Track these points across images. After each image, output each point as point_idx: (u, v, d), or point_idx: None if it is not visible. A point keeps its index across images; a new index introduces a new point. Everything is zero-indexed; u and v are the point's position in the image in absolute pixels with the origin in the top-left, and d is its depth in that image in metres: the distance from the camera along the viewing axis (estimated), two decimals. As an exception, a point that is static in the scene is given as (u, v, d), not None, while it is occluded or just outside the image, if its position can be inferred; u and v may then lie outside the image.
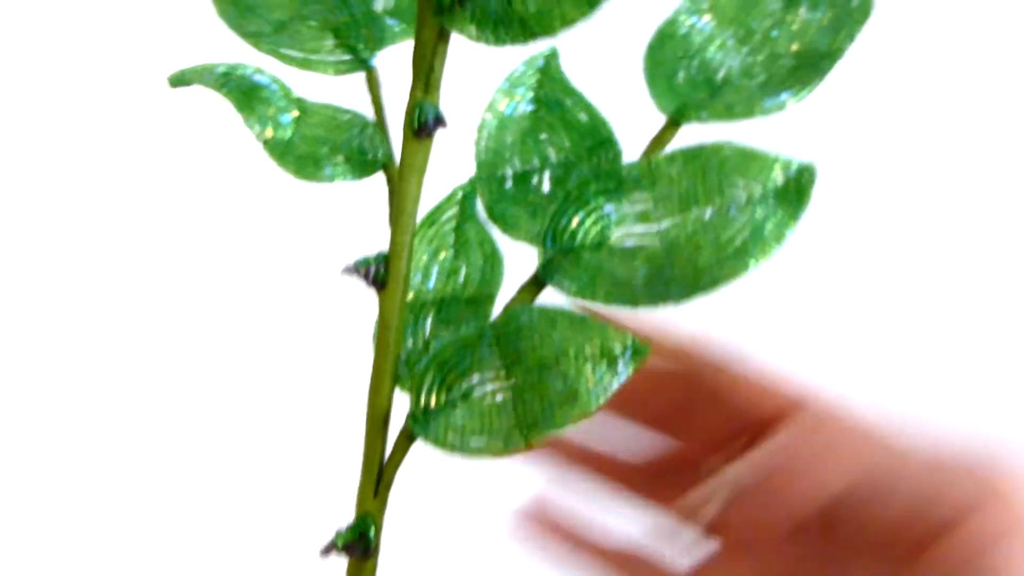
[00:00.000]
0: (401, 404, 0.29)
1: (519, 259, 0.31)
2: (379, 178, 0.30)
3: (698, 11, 0.30)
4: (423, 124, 0.28)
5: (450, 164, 0.31)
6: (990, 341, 0.56)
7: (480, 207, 0.31)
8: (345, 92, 0.32)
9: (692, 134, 0.29)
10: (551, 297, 0.30)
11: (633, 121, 0.31)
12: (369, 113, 0.31)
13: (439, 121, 0.28)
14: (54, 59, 0.61)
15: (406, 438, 0.29)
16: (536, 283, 0.30)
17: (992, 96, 0.58)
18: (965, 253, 0.56)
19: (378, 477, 0.29)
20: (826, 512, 0.29)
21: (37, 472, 0.56)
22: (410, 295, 0.31)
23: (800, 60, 0.28)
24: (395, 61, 0.32)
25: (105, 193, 0.61)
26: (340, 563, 0.29)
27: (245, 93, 0.30)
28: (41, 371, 0.58)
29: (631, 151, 0.31)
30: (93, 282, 0.59)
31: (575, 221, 0.29)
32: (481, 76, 0.32)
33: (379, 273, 0.29)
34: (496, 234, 0.32)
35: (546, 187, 0.30)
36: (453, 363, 0.29)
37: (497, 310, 0.31)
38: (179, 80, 0.30)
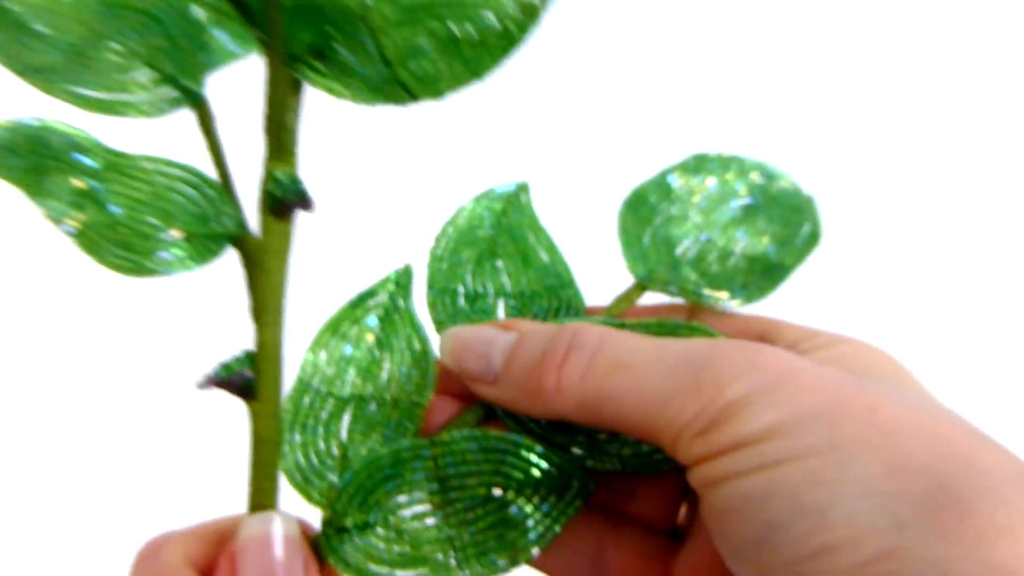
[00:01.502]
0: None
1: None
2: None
3: (669, 190, 0.30)
4: (281, 203, 0.23)
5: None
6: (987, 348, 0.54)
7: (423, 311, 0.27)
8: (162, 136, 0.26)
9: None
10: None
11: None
12: (205, 166, 0.25)
13: (302, 199, 0.23)
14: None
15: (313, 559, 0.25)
16: (483, 408, 0.26)
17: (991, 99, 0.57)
18: (964, 255, 0.55)
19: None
20: None
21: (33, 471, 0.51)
22: (322, 389, 0.26)
23: (751, 264, 0.29)
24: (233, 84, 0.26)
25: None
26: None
27: (33, 168, 0.23)
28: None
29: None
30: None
31: None
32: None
33: (246, 382, 0.24)
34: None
35: (500, 314, 0.28)
36: (379, 480, 0.25)
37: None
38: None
